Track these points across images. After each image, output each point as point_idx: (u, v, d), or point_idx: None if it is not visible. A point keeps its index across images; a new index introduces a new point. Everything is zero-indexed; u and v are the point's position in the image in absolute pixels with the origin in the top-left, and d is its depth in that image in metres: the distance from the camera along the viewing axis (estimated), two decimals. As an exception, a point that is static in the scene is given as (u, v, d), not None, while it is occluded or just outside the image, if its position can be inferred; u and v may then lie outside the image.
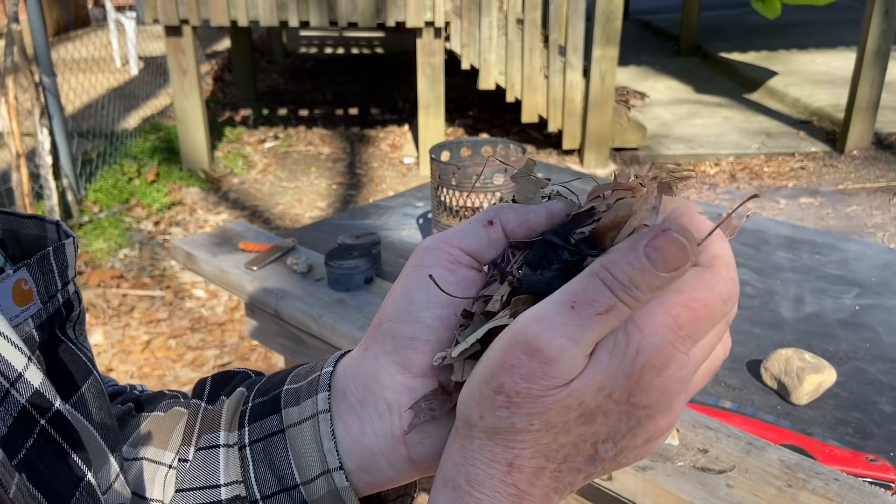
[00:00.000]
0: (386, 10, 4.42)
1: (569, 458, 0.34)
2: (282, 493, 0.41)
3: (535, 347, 0.31)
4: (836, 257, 1.36)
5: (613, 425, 0.33)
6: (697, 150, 4.89)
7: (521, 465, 0.33)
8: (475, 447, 0.34)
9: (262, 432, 0.42)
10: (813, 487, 0.78)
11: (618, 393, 0.32)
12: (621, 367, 0.31)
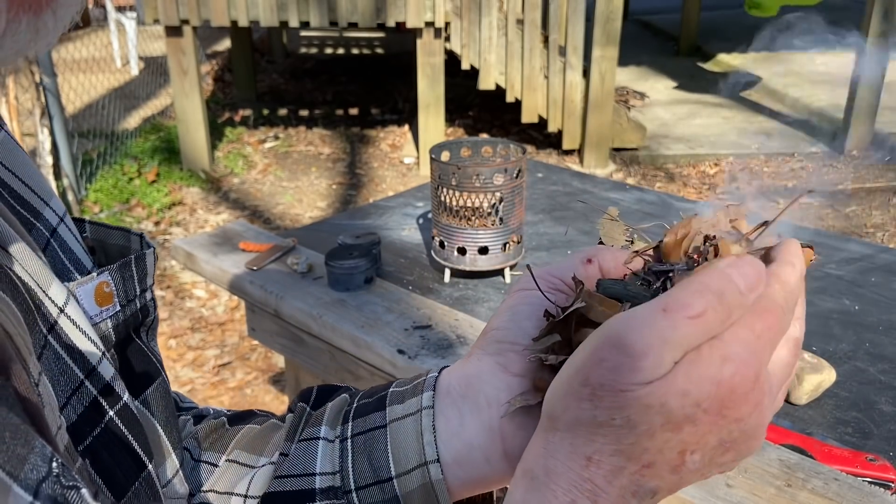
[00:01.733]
0: (386, 11, 4.42)
1: (653, 465, 0.34)
2: (375, 484, 0.43)
3: (625, 343, 0.32)
4: (836, 257, 1.36)
5: (703, 436, 0.33)
6: (697, 151, 4.89)
7: (599, 460, 0.34)
8: (556, 440, 0.35)
9: (365, 427, 0.45)
10: (812, 487, 0.78)
11: (707, 402, 0.32)
12: (707, 375, 0.32)
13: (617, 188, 1.73)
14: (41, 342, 0.35)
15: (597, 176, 1.83)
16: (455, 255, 1.24)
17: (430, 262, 1.35)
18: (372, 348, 1.08)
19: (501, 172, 1.19)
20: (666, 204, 1.63)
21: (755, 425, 0.34)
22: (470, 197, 1.19)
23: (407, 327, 1.11)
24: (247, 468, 0.48)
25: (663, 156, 4.87)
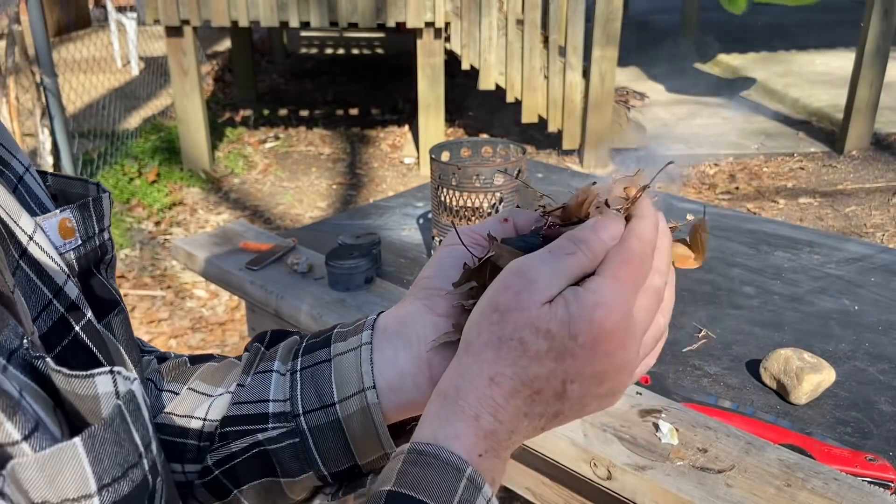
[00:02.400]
0: (386, 11, 4.42)
1: (542, 391, 0.41)
2: (320, 409, 0.50)
3: (524, 272, 0.42)
4: (836, 257, 1.37)
5: (580, 368, 0.41)
6: (697, 151, 4.90)
7: (500, 381, 0.41)
8: (467, 364, 0.42)
9: (312, 361, 0.52)
10: (812, 487, 0.78)
11: (583, 338, 0.40)
12: (583, 316, 0.40)
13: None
14: (13, 264, 0.40)
15: (597, 176, 1.83)
16: (455, 255, 1.24)
17: (430, 262, 1.35)
18: (372, 348, 1.08)
19: (501, 172, 1.19)
20: (666, 203, 1.63)
21: (622, 360, 0.42)
22: (470, 197, 1.19)
23: (407, 327, 1.11)
24: (206, 396, 0.54)
25: (663, 156, 4.86)
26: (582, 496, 0.95)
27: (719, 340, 1.10)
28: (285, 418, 0.51)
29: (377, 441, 0.49)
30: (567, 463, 0.89)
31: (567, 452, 0.88)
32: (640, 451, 0.85)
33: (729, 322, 1.15)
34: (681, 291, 1.24)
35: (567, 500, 0.97)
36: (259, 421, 0.51)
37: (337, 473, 0.52)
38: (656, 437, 0.87)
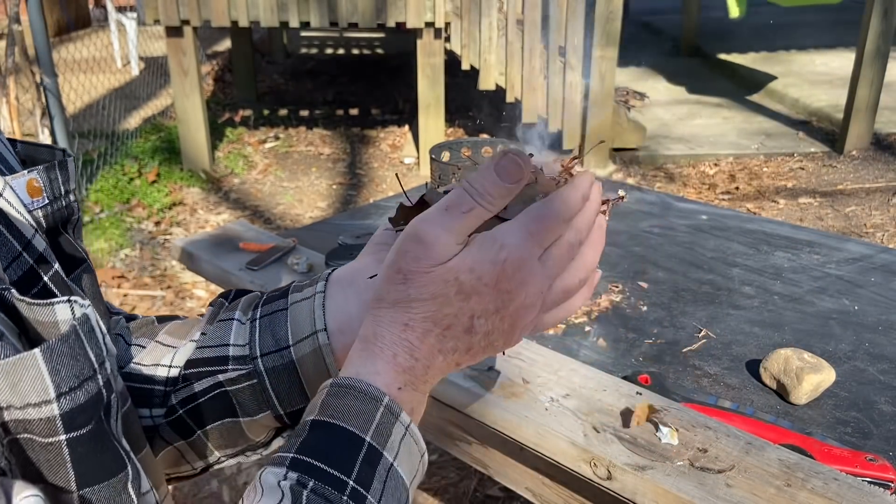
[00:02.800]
0: (386, 11, 4.42)
1: (451, 327, 0.46)
2: (276, 352, 0.54)
3: (419, 236, 0.45)
4: (836, 257, 1.37)
5: (485, 305, 0.45)
6: (697, 151, 4.90)
7: (413, 325, 0.46)
8: (382, 314, 0.46)
9: (270, 310, 0.56)
10: (812, 487, 0.78)
11: (487, 278, 0.45)
12: (487, 257, 0.45)
13: (617, 188, 1.73)
14: None
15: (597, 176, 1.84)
16: (455, 255, 1.24)
17: (430, 262, 1.35)
18: (372, 348, 1.08)
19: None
20: (665, 204, 1.63)
21: (523, 299, 0.46)
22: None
23: (407, 327, 1.11)
24: (171, 347, 0.58)
25: (663, 156, 4.87)
26: (582, 496, 0.95)
27: (719, 340, 1.10)
28: (244, 361, 0.55)
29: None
30: (567, 463, 0.89)
31: (567, 452, 0.88)
32: (640, 451, 0.85)
33: (729, 322, 1.15)
34: (680, 291, 1.24)
35: (567, 500, 0.98)
36: (220, 363, 0.55)
37: (293, 413, 0.55)
38: (656, 437, 0.87)
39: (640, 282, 1.27)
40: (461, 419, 1.05)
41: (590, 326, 1.13)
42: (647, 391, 0.96)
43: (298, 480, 0.41)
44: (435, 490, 2.18)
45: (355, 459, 0.42)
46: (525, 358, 1.02)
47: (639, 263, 1.34)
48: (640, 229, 1.49)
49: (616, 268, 1.32)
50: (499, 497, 2.15)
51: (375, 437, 0.43)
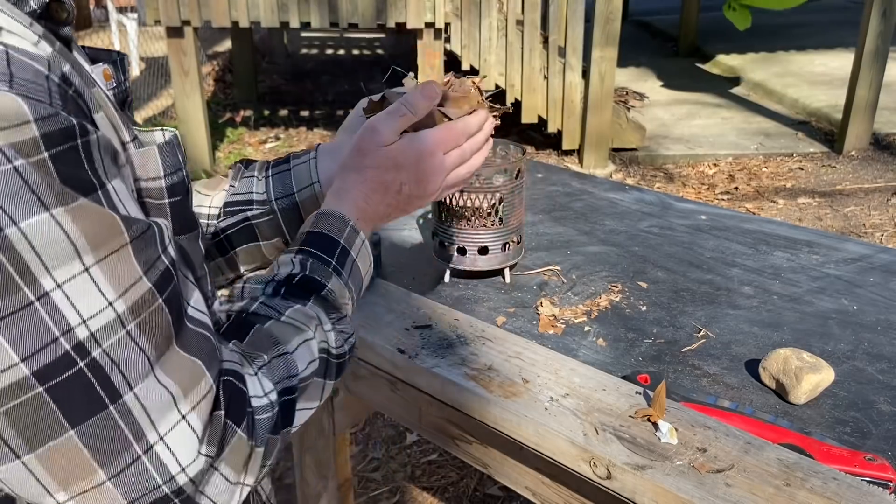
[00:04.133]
0: (386, 12, 4.42)
1: (389, 187, 0.74)
2: (285, 197, 0.83)
3: (373, 127, 0.74)
4: (835, 257, 1.37)
5: (408, 177, 0.74)
6: (696, 151, 4.90)
7: (366, 183, 0.74)
8: (347, 175, 0.75)
9: (279, 170, 0.85)
10: (811, 486, 0.79)
11: (411, 160, 0.73)
12: (412, 146, 0.73)
13: (616, 188, 1.73)
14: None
15: (596, 176, 1.84)
16: (455, 255, 1.24)
17: (430, 262, 1.35)
18: (372, 348, 1.08)
19: (501, 173, 1.20)
20: (665, 204, 1.63)
21: (430, 176, 0.74)
22: (470, 197, 1.20)
23: (407, 327, 1.11)
24: (208, 195, 0.86)
25: (662, 156, 4.87)
26: (581, 495, 0.96)
27: (718, 340, 1.10)
28: (263, 203, 0.83)
29: None
30: (566, 462, 0.89)
31: (566, 452, 0.88)
32: (640, 450, 0.85)
33: (728, 322, 1.15)
34: (680, 291, 1.24)
35: (567, 500, 0.98)
36: (247, 205, 0.84)
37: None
38: (655, 436, 0.87)
39: (640, 281, 1.27)
40: (461, 418, 1.05)
41: (589, 326, 1.13)
42: (647, 391, 0.96)
43: (302, 259, 0.67)
44: (435, 489, 2.18)
45: (335, 251, 0.69)
46: (525, 358, 1.03)
47: (638, 263, 1.34)
48: (639, 229, 1.49)
49: (615, 268, 1.32)
50: (499, 496, 2.15)
51: (345, 242, 0.70)
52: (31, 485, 0.44)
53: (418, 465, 2.28)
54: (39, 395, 0.42)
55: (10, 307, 0.41)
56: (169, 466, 0.47)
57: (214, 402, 0.50)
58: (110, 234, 0.44)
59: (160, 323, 0.47)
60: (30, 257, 0.41)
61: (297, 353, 0.60)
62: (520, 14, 4.54)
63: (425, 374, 1.02)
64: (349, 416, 1.41)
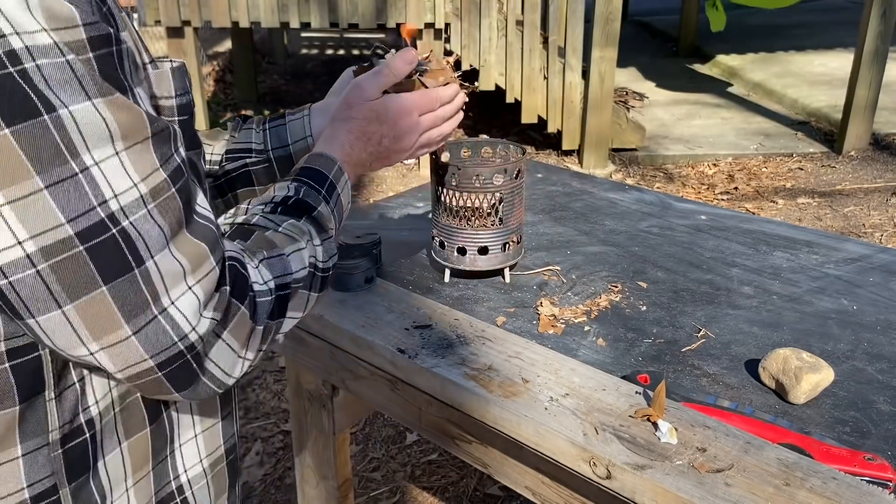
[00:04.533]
0: (387, 12, 4.43)
1: (371, 139, 0.86)
2: (280, 147, 0.95)
3: (359, 84, 0.87)
4: (834, 257, 1.37)
5: (387, 130, 0.86)
6: (696, 151, 4.90)
7: (351, 133, 0.85)
8: (335, 125, 0.86)
9: (275, 124, 0.96)
10: (811, 486, 0.79)
11: (391, 115, 0.86)
12: (392, 104, 0.86)
13: (616, 188, 1.73)
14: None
15: (596, 176, 1.84)
16: (455, 255, 1.24)
17: (430, 262, 1.35)
18: (372, 348, 1.08)
19: (501, 173, 1.20)
20: (664, 204, 1.63)
21: (407, 133, 0.88)
22: (470, 197, 1.20)
23: (407, 327, 1.11)
24: (210, 145, 0.96)
25: (662, 156, 4.87)
26: (581, 495, 0.96)
27: (718, 340, 1.10)
28: (261, 153, 0.95)
29: None
30: (566, 462, 0.89)
31: (566, 451, 0.88)
32: (640, 450, 0.85)
33: (728, 322, 1.15)
34: (679, 291, 1.24)
35: (566, 500, 0.98)
36: (246, 153, 0.95)
37: None
38: (655, 436, 0.87)
39: (640, 281, 1.27)
40: (461, 418, 1.05)
41: (589, 326, 1.14)
42: (647, 390, 0.96)
43: (297, 186, 0.77)
44: (435, 489, 2.18)
45: (325, 183, 0.79)
46: (525, 357, 1.03)
47: (638, 263, 1.34)
48: (639, 229, 1.49)
49: (615, 267, 1.32)
50: (498, 496, 2.15)
51: (333, 178, 0.81)
52: (67, 334, 0.52)
53: (418, 465, 2.28)
54: (80, 253, 0.50)
55: (59, 176, 0.49)
56: (181, 325, 0.56)
57: (219, 280, 0.59)
58: (137, 127, 0.52)
59: (173, 208, 0.55)
60: (75, 136, 0.49)
61: (292, 257, 0.69)
62: (520, 14, 4.54)
63: (425, 374, 1.02)
64: (349, 416, 1.41)
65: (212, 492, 0.73)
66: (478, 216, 1.24)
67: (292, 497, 2.13)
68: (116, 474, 0.62)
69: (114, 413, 0.61)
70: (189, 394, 0.59)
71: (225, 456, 0.73)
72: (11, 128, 0.47)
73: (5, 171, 0.47)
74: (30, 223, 0.48)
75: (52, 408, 0.57)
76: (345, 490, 1.49)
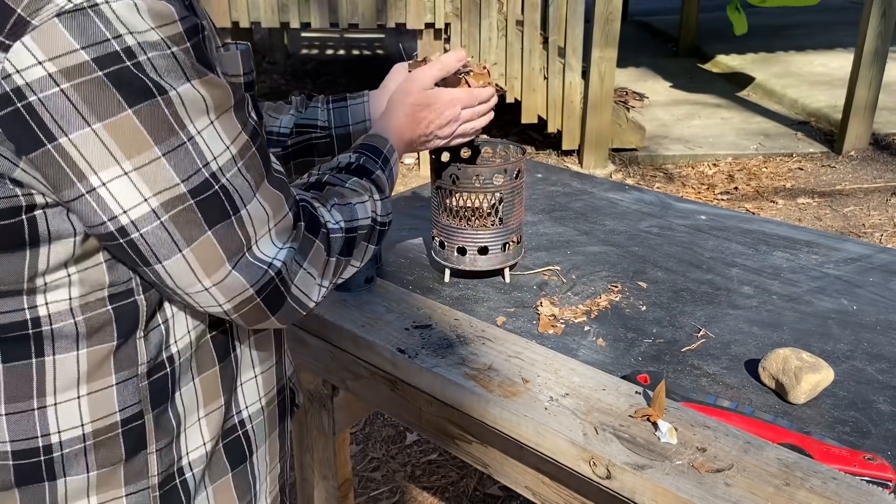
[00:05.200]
0: (387, 12, 4.43)
1: (420, 122, 1.01)
2: (342, 127, 1.08)
3: (415, 75, 1.03)
4: (834, 257, 1.37)
5: (434, 116, 1.02)
6: (696, 151, 4.90)
7: (406, 115, 1.01)
8: (392, 107, 1.02)
9: (338, 105, 1.09)
10: (811, 486, 0.79)
11: (439, 104, 1.02)
12: (440, 95, 1.03)
13: (616, 188, 1.73)
14: None
15: (596, 176, 1.84)
16: (455, 255, 1.24)
17: (430, 262, 1.35)
18: (373, 348, 1.08)
19: (501, 173, 1.20)
20: (664, 204, 1.63)
21: (448, 119, 1.03)
22: (470, 197, 1.20)
23: (407, 327, 1.11)
24: (277, 117, 1.09)
25: (662, 156, 4.87)
26: (581, 495, 0.96)
27: (718, 340, 1.10)
28: (324, 129, 1.08)
29: None
30: (566, 462, 0.89)
31: (566, 451, 0.88)
32: (640, 450, 0.85)
33: (728, 322, 1.15)
34: (679, 291, 1.24)
35: (566, 499, 0.98)
36: (311, 128, 1.08)
37: None
38: (655, 436, 0.87)
39: (640, 281, 1.27)
40: (461, 418, 1.05)
41: (589, 326, 1.14)
42: (647, 390, 0.96)
43: (357, 155, 0.91)
44: (435, 489, 2.19)
45: (380, 156, 0.92)
46: (525, 357, 1.03)
47: (638, 263, 1.34)
48: (639, 229, 1.49)
49: (615, 267, 1.33)
50: (499, 496, 2.15)
51: (387, 153, 0.94)
52: (187, 273, 0.64)
53: (418, 465, 2.28)
54: (192, 206, 0.62)
55: (172, 145, 0.60)
56: (266, 256, 0.68)
57: (295, 219, 0.71)
58: (224, 98, 0.63)
59: (256, 164, 0.67)
60: (181, 112, 0.60)
61: (357, 206, 0.82)
62: (520, 14, 4.54)
63: (425, 374, 1.02)
64: (349, 416, 1.41)
65: (266, 426, 0.83)
66: (478, 216, 1.24)
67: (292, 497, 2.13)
68: (190, 405, 0.73)
69: (190, 352, 0.72)
70: (281, 316, 0.72)
71: (277, 395, 0.85)
72: (134, 108, 0.58)
73: (131, 143, 0.58)
74: (152, 184, 0.60)
75: (140, 345, 0.68)
76: (345, 490, 1.49)
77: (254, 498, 0.83)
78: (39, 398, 0.65)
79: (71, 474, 0.67)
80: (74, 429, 0.67)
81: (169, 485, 0.73)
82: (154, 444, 0.71)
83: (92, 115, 0.57)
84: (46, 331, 0.64)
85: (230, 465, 0.79)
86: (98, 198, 0.59)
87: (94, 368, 0.66)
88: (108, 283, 0.65)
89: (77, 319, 0.65)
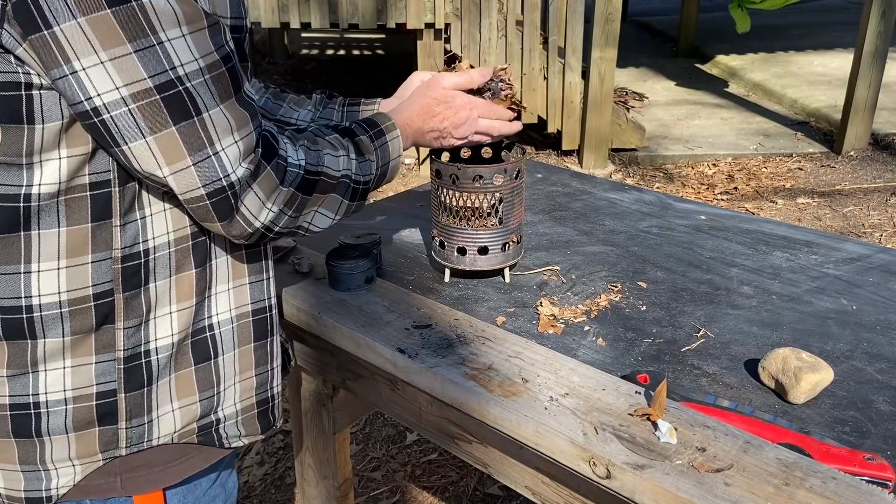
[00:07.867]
0: (387, 12, 4.43)
1: (434, 117, 1.06)
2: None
3: (439, 76, 1.10)
4: (834, 257, 1.37)
5: (452, 115, 1.07)
6: (695, 151, 4.90)
7: (421, 108, 1.06)
8: (411, 99, 1.08)
9: (352, 109, 1.18)
10: (810, 486, 0.79)
11: (456, 105, 1.07)
12: (458, 96, 1.08)
13: (616, 188, 1.73)
14: None
15: (596, 176, 1.84)
16: (455, 255, 1.24)
17: (430, 262, 1.35)
18: (373, 348, 1.08)
19: (501, 173, 1.20)
20: (664, 204, 1.64)
21: (464, 119, 1.08)
22: (470, 197, 1.20)
23: (407, 327, 1.11)
24: (296, 110, 1.17)
25: (662, 156, 4.87)
26: (581, 495, 0.96)
27: (718, 340, 1.10)
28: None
29: None
30: (566, 462, 0.89)
31: (566, 451, 0.88)
32: (639, 450, 0.85)
33: (727, 322, 1.15)
34: (679, 291, 1.24)
35: (566, 499, 0.98)
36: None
37: None
38: (655, 436, 0.87)
39: (639, 281, 1.28)
40: (461, 418, 1.05)
41: (589, 326, 1.14)
42: (647, 390, 0.96)
43: (350, 123, 0.98)
44: (435, 489, 2.19)
45: (374, 128, 0.98)
46: (525, 357, 1.03)
47: (638, 263, 1.34)
48: (638, 229, 1.49)
49: (615, 267, 1.33)
50: (498, 496, 2.15)
51: (384, 128, 0.99)
52: (150, 159, 0.73)
53: (418, 464, 2.28)
54: (157, 100, 0.71)
55: (143, 45, 0.69)
56: (226, 166, 0.76)
57: (256, 143, 0.79)
58: (195, 16, 0.72)
59: (224, 82, 0.75)
60: (153, 18, 0.69)
61: (327, 157, 0.88)
62: (520, 14, 4.54)
63: (425, 374, 1.02)
64: (349, 416, 1.41)
65: (235, 338, 0.91)
66: (478, 216, 1.24)
67: (292, 497, 2.13)
68: (163, 297, 0.83)
69: (169, 251, 0.82)
70: (227, 226, 0.79)
71: (251, 314, 0.92)
72: (112, 9, 0.67)
73: (107, 37, 0.68)
74: (123, 75, 0.69)
75: (116, 233, 0.78)
76: (345, 490, 1.49)
77: (216, 396, 0.91)
78: (26, 264, 0.77)
79: (49, 336, 0.79)
80: (52, 295, 0.78)
81: (134, 362, 0.83)
82: (122, 321, 0.81)
83: (78, 10, 0.67)
84: (35, 207, 0.75)
85: (194, 360, 0.88)
86: (78, 80, 0.69)
87: (73, 246, 0.77)
88: (88, 172, 0.76)
89: (60, 200, 0.76)
